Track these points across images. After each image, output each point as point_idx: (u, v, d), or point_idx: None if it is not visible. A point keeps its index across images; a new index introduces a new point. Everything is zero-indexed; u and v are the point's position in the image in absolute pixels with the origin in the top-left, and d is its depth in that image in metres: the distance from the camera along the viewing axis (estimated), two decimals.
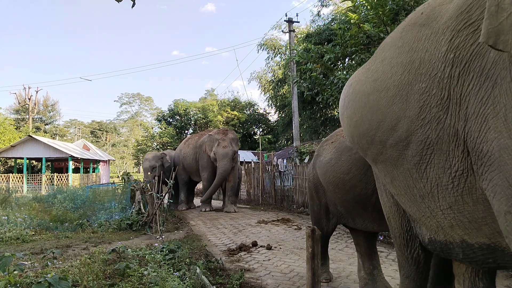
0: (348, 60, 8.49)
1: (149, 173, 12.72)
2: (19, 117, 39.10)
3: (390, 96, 1.89)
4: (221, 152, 11.05)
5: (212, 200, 13.14)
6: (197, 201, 13.82)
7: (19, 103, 38.25)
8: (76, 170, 27.00)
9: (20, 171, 24.71)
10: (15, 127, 31.56)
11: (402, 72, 1.84)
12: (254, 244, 6.28)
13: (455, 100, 1.56)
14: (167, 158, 13.24)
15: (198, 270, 4.21)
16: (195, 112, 34.14)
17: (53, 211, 9.47)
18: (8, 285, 3.09)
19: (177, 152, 13.78)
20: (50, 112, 43.73)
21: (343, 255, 5.60)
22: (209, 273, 4.39)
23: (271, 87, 26.46)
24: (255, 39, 50.12)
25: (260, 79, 29.88)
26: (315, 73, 7.85)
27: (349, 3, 6.52)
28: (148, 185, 8.84)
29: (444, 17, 1.68)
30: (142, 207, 8.65)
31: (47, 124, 43.13)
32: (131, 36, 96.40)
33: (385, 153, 2.01)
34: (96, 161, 30.01)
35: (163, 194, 8.70)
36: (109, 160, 33.92)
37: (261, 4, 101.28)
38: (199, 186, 15.29)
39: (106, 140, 51.38)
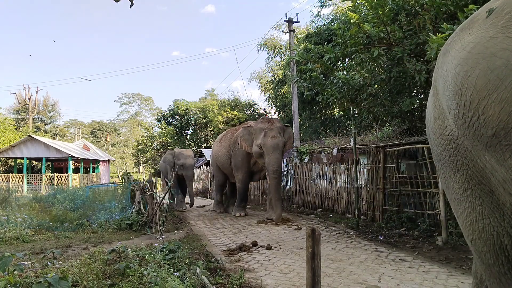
0: (348, 60, 8.49)
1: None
2: (19, 117, 39.12)
3: None
4: (270, 144, 8.86)
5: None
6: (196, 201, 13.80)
7: (19, 103, 38.30)
8: (76, 170, 27.00)
9: (20, 171, 24.71)
10: (15, 127, 31.58)
11: None
12: (254, 244, 6.28)
13: None
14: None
15: (198, 270, 4.21)
16: (195, 112, 34.19)
17: (53, 211, 9.47)
18: (8, 285, 3.09)
19: (212, 151, 12.49)
20: (50, 112, 43.77)
21: (343, 255, 5.60)
22: (209, 273, 4.39)
23: (271, 87, 26.46)
24: (255, 39, 50.14)
25: (260, 79, 29.87)
26: (315, 73, 7.85)
27: (349, 3, 6.51)
28: (148, 185, 8.84)
29: None
30: (142, 207, 8.65)
31: (47, 124, 43.15)
32: (132, 37, 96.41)
33: None
34: (96, 161, 30.01)
35: (163, 195, 8.71)
36: (109, 160, 33.93)
37: (261, 5, 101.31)
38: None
39: (106, 140, 51.38)
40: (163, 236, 7.19)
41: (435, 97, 2.07)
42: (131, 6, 2.44)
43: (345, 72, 8.25)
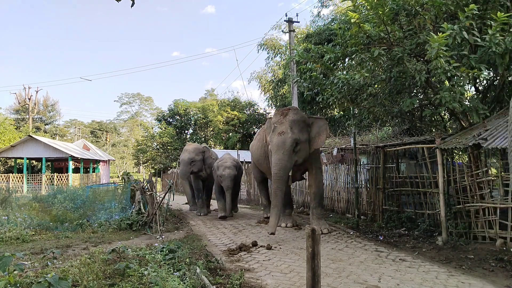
0: (348, 60, 8.49)
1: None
2: (19, 117, 39.13)
3: None
4: (275, 142, 7.26)
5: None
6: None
7: (19, 103, 38.30)
8: (76, 170, 26.99)
9: (20, 171, 24.71)
10: (15, 127, 31.58)
11: None
12: (254, 244, 6.28)
13: None
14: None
15: (198, 270, 4.21)
16: (195, 112, 34.24)
17: (53, 211, 9.46)
18: (8, 285, 3.09)
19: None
20: (50, 112, 43.76)
21: (343, 255, 5.60)
22: (209, 273, 4.39)
23: (271, 87, 26.44)
24: (255, 39, 50.11)
25: (260, 79, 29.87)
26: (315, 73, 7.85)
27: (349, 3, 6.51)
28: (148, 185, 8.84)
29: None
30: (142, 207, 8.65)
31: (47, 124, 43.13)
32: (132, 37, 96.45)
33: None
34: (96, 161, 30.00)
35: (163, 195, 8.70)
36: (109, 160, 33.91)
37: (261, 5, 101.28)
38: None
39: (106, 140, 51.37)
40: (163, 236, 7.19)
41: None
42: (132, 5, 2.44)
43: (345, 72, 8.26)
